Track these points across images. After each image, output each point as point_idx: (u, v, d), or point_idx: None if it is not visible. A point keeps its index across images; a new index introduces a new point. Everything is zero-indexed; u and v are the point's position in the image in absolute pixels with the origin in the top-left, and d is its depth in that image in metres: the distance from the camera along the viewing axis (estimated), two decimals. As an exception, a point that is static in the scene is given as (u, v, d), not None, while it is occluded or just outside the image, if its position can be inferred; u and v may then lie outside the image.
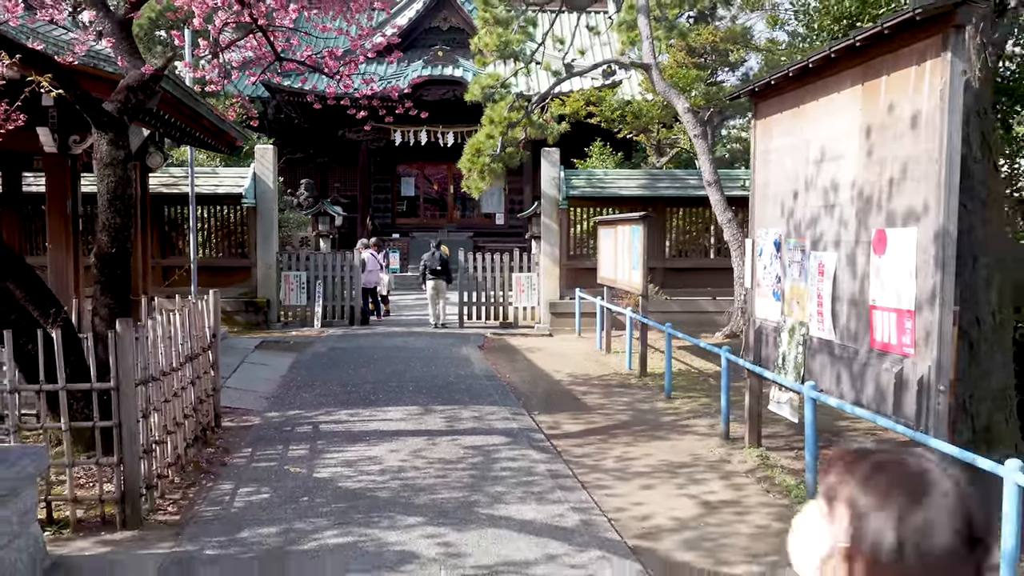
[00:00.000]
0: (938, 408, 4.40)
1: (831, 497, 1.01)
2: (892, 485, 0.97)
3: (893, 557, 0.94)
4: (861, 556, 0.97)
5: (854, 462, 1.01)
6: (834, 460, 1.04)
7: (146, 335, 5.43)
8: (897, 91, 4.75)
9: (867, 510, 0.97)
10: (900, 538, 0.94)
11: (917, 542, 0.93)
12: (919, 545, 0.93)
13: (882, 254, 4.89)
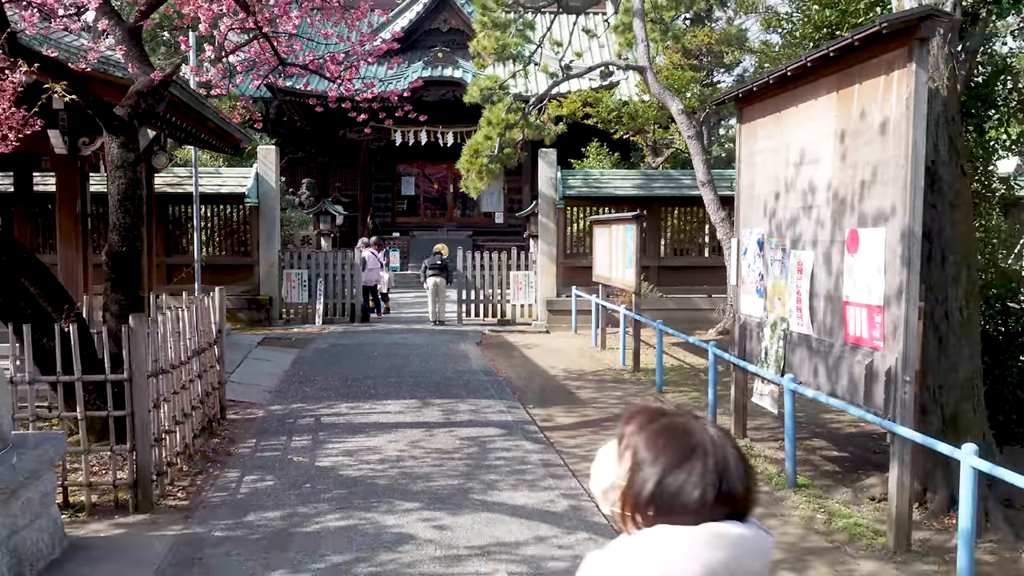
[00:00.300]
0: (904, 397, 4.67)
1: (623, 443, 1.29)
2: (667, 445, 1.24)
3: (654, 499, 1.23)
4: (631, 493, 1.25)
5: (648, 420, 1.29)
6: (635, 414, 1.32)
7: (156, 330, 5.71)
8: (868, 99, 5.02)
9: (643, 461, 1.25)
10: (661, 487, 1.22)
11: (674, 492, 1.21)
12: (676, 494, 1.21)
13: (854, 253, 5.16)
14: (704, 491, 1.22)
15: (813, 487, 5.98)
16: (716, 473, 1.23)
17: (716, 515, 1.22)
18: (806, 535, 5.11)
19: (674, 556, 1.17)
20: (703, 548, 1.18)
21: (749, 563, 1.22)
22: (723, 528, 1.21)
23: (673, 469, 1.23)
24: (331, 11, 8.49)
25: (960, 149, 5.40)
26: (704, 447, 1.24)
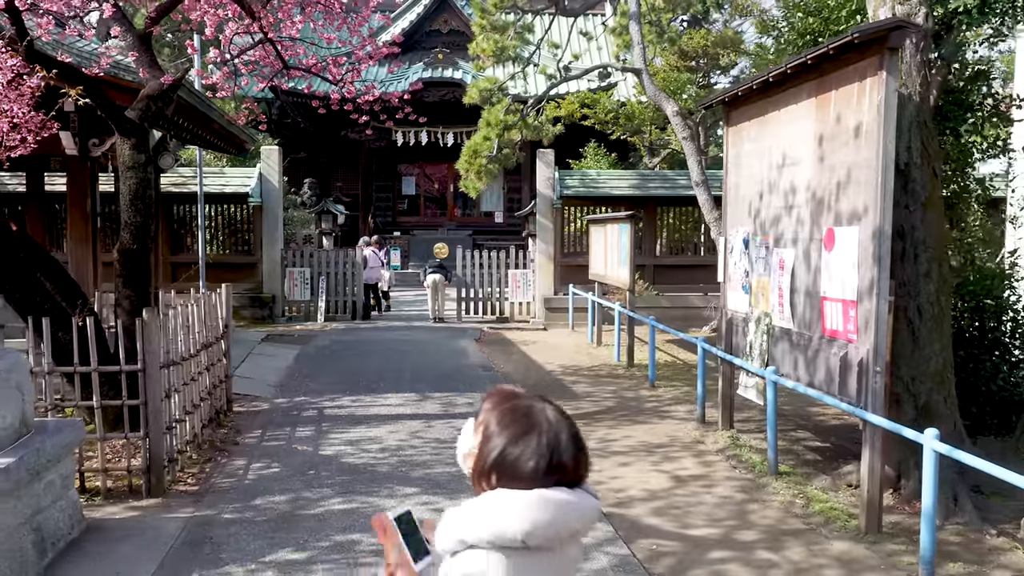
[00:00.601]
0: (875, 386, 4.95)
1: (479, 418, 1.57)
2: (511, 422, 1.53)
3: (497, 466, 1.50)
4: (481, 460, 1.53)
5: (500, 401, 1.57)
6: (491, 395, 1.59)
7: (167, 324, 5.99)
8: (843, 104, 5.30)
9: (492, 434, 1.53)
10: (503, 456, 1.50)
11: (513, 461, 1.49)
12: (515, 463, 1.50)
13: (831, 250, 5.44)
14: (537, 462, 1.49)
15: (794, 474, 6.26)
16: (549, 448, 1.50)
17: (548, 483, 1.49)
18: (784, 518, 5.39)
19: (507, 514, 1.44)
20: (531, 509, 1.45)
21: (571, 523, 1.49)
22: (551, 494, 1.47)
23: (514, 442, 1.51)
24: (334, 16, 8.78)
25: (932, 152, 5.67)
26: (541, 426, 1.52)
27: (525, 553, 1.45)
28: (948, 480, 5.47)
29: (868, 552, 4.81)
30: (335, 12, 8.47)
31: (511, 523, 1.44)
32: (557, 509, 1.47)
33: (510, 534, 1.44)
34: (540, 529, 1.45)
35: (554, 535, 1.47)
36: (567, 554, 1.54)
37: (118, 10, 6.68)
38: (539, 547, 1.46)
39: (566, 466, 1.52)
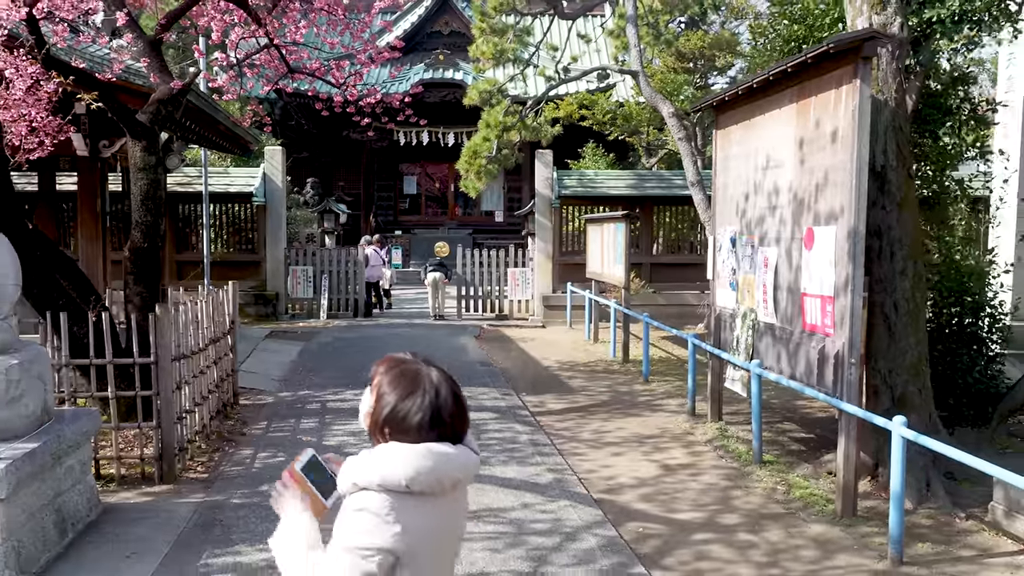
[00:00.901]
0: (850, 377, 5.22)
1: (374, 381, 1.83)
2: (400, 383, 1.80)
3: (388, 421, 1.77)
4: (375, 416, 1.80)
5: (391, 366, 1.83)
6: (384, 361, 1.85)
7: (178, 319, 6.27)
8: (822, 110, 5.57)
9: (384, 393, 1.79)
10: (394, 412, 1.77)
11: (402, 417, 1.76)
12: (403, 418, 1.76)
13: (811, 249, 5.71)
14: (422, 416, 1.76)
15: (778, 463, 6.54)
16: (432, 404, 1.77)
17: (432, 437, 1.76)
18: (766, 503, 5.67)
19: (394, 462, 1.71)
20: (415, 459, 1.71)
21: (451, 472, 1.75)
22: (434, 446, 1.74)
23: (403, 399, 1.78)
24: (337, 22, 9.05)
25: (907, 155, 5.94)
26: (426, 385, 1.79)
27: (409, 496, 1.71)
28: (922, 467, 5.76)
29: (843, 534, 5.09)
30: (338, 17, 8.75)
31: (396, 470, 1.70)
32: (438, 460, 1.73)
33: (395, 479, 1.70)
34: (422, 476, 1.70)
35: (435, 482, 1.73)
36: (453, 501, 1.81)
37: (130, 18, 6.95)
38: (422, 492, 1.72)
39: (447, 422, 1.78)
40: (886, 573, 4.54)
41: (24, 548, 4.29)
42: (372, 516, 1.70)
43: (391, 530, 1.70)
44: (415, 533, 1.72)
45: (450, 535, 1.86)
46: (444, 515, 1.80)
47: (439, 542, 1.81)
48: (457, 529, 1.90)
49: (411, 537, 1.72)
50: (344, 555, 1.71)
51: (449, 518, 1.83)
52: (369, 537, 1.70)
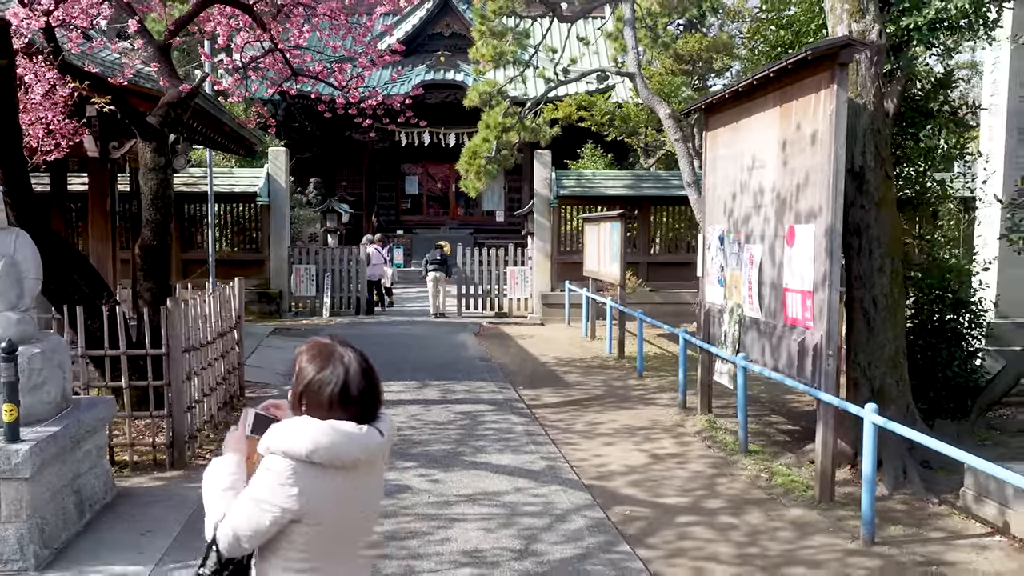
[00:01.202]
0: (828, 368, 5.49)
1: (297, 361, 2.07)
2: (317, 359, 2.03)
3: (303, 396, 2.01)
4: (295, 391, 2.04)
5: (311, 347, 2.08)
6: (308, 343, 2.09)
7: (188, 313, 6.55)
8: (802, 113, 5.84)
9: (303, 370, 2.04)
10: (308, 387, 2.00)
11: (315, 392, 1.99)
12: (316, 394, 1.99)
13: (792, 246, 5.97)
14: (333, 390, 1.99)
15: (763, 453, 6.81)
16: (342, 380, 2.00)
17: (342, 415, 1.98)
18: (748, 489, 5.93)
19: (299, 435, 1.94)
20: (317, 434, 1.93)
21: (350, 450, 1.95)
22: (338, 424, 1.95)
23: (317, 373, 2.02)
24: (339, 26, 9.33)
25: (885, 156, 6.21)
26: (339, 363, 2.02)
27: (310, 465, 1.94)
28: (899, 456, 6.03)
29: (820, 517, 5.36)
30: (340, 22, 9.03)
31: (299, 442, 1.94)
32: (338, 437, 1.94)
33: (296, 450, 1.94)
34: (321, 450, 1.92)
35: (334, 457, 1.94)
36: (364, 475, 2.04)
37: (141, 24, 7.23)
38: (323, 464, 1.94)
39: (356, 396, 2.01)
40: (857, 552, 4.81)
41: (47, 525, 4.57)
42: (274, 477, 1.94)
43: (288, 492, 1.93)
44: (313, 498, 1.95)
45: (357, 505, 2.06)
46: (350, 487, 2.01)
47: (343, 510, 2.02)
48: (367, 501, 2.09)
49: (308, 501, 1.94)
50: (247, 502, 1.97)
51: (356, 490, 2.03)
52: (269, 494, 1.94)
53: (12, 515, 4.38)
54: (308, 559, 2.01)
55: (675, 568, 4.57)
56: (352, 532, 2.09)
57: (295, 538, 1.99)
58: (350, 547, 2.09)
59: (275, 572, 2.02)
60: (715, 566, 4.60)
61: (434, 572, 4.39)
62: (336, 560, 2.05)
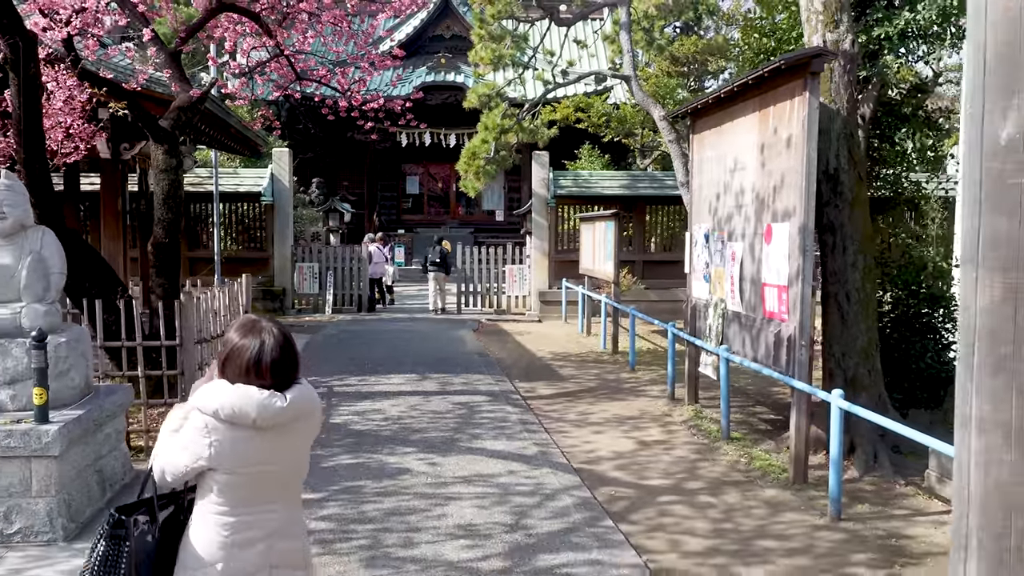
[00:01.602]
0: (801, 358, 5.85)
1: (227, 331, 2.44)
2: (240, 330, 2.39)
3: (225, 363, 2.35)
4: (220, 358, 2.39)
5: (241, 322, 2.44)
6: (242, 318, 2.46)
7: (200, 307, 6.92)
8: (779, 119, 6.20)
9: (228, 340, 2.39)
10: (229, 355, 2.35)
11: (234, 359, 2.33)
12: (234, 361, 2.33)
13: (770, 243, 6.34)
14: (250, 355, 2.33)
15: (745, 440, 7.17)
16: (259, 348, 2.34)
17: (255, 382, 2.32)
18: (728, 472, 6.30)
19: (210, 395, 2.32)
20: (224, 395, 2.30)
21: (247, 411, 2.28)
22: (243, 388, 2.30)
23: (239, 340, 2.37)
24: (342, 32, 9.69)
25: (859, 159, 6.56)
26: (260, 333, 2.37)
27: (220, 421, 2.31)
28: (870, 441, 6.39)
29: (792, 497, 5.72)
30: (343, 28, 9.39)
31: (209, 401, 2.32)
32: (240, 399, 2.29)
33: (207, 407, 2.32)
34: (224, 409, 2.29)
35: (235, 416, 2.29)
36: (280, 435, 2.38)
37: (155, 34, 7.60)
38: (230, 421, 2.30)
39: (268, 364, 2.34)
40: (824, 527, 5.17)
41: (73, 501, 4.94)
42: (193, 428, 2.34)
43: (203, 442, 2.32)
44: (223, 450, 2.32)
45: (271, 462, 2.40)
46: (261, 445, 2.35)
47: (255, 465, 2.37)
48: (282, 460, 2.42)
49: (218, 452, 2.31)
50: (173, 445, 2.39)
51: (270, 449, 2.38)
52: (189, 441, 2.34)
53: (42, 490, 4.75)
54: (227, 503, 2.38)
55: (654, 540, 4.93)
56: (269, 485, 2.43)
57: (214, 484, 2.37)
58: (268, 498, 2.44)
59: (203, 513, 2.40)
60: (691, 539, 4.96)
61: (431, 543, 4.76)
62: (253, 508, 2.41)
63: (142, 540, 2.41)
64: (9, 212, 5.17)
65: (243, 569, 2.39)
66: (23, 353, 4.98)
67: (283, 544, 2.46)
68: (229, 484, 2.36)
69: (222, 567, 2.37)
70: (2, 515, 4.72)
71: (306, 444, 2.54)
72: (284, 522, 2.48)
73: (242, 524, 2.39)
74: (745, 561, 4.64)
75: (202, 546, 2.38)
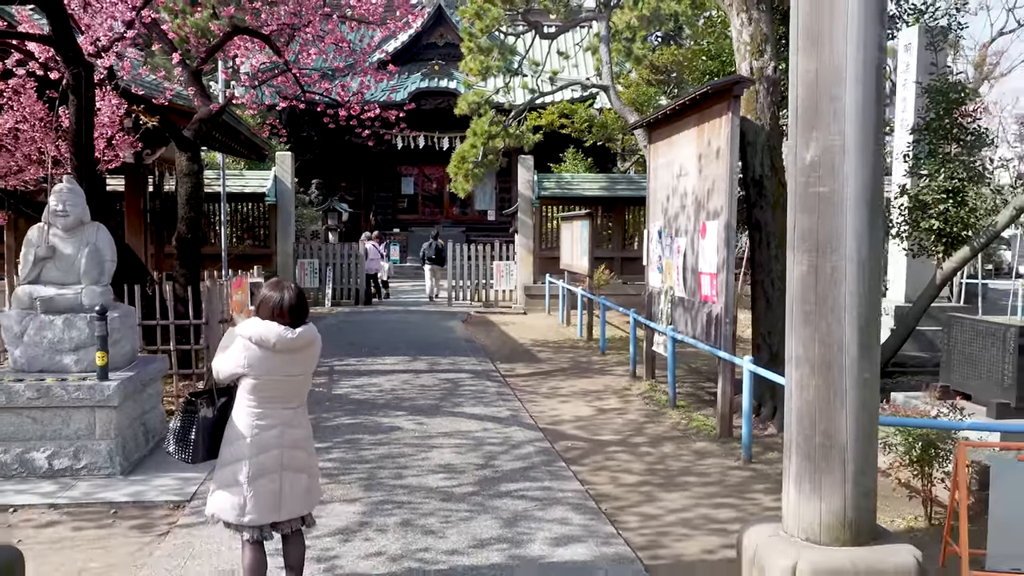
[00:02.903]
0: (725, 333, 7.04)
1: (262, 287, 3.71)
2: (271, 287, 3.67)
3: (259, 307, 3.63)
4: (256, 301, 3.67)
5: (270, 282, 3.70)
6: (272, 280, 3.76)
7: (221, 292, 8.08)
8: (712, 133, 7.38)
9: (263, 289, 3.68)
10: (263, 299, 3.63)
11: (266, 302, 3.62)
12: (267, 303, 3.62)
13: (704, 238, 7.52)
14: (275, 303, 3.58)
15: (689, 407, 8.36)
16: (281, 298, 3.59)
17: (278, 320, 3.57)
18: (669, 431, 7.48)
19: (247, 327, 3.56)
20: (256, 327, 3.55)
21: (269, 338, 3.48)
22: (270, 323, 3.55)
23: (269, 292, 3.62)
24: (343, 51, 10.86)
25: (779, 167, 7.75)
26: (283, 289, 3.61)
27: (251, 343, 3.53)
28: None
29: (717, 447, 6.91)
30: (344, 50, 10.56)
31: (247, 330, 3.55)
32: (265, 330, 3.52)
33: (245, 333, 3.54)
34: (255, 336, 3.50)
35: (261, 340, 3.50)
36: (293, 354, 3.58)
37: (182, 59, 8.76)
38: (258, 343, 3.51)
39: (287, 308, 3.58)
40: (737, 468, 6.35)
41: (127, 444, 6.10)
42: (235, 346, 3.58)
43: (241, 355, 3.55)
44: (253, 362, 3.54)
45: (286, 373, 3.60)
46: (279, 361, 3.56)
47: (274, 374, 3.57)
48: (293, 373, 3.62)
49: (250, 363, 3.54)
50: (224, 354, 3.64)
51: (284, 364, 3.58)
52: (233, 354, 3.58)
53: (104, 434, 5.92)
54: (255, 399, 3.61)
55: (597, 476, 6.11)
56: (288, 391, 3.65)
57: (247, 385, 3.60)
58: (288, 401, 3.67)
59: (241, 404, 3.64)
60: (627, 475, 6.15)
61: (417, 476, 5.93)
62: (273, 404, 3.63)
63: (205, 416, 3.66)
64: (71, 211, 6.34)
65: (265, 444, 3.61)
66: (85, 325, 6.14)
67: (292, 431, 3.69)
68: (256, 386, 3.58)
69: (250, 440, 3.60)
70: (72, 453, 5.89)
71: (309, 365, 3.76)
72: (293, 416, 3.71)
73: (265, 414, 3.62)
74: (667, 489, 5.83)
75: (240, 425, 3.62)
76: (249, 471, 3.57)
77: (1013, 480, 4.26)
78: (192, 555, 4.54)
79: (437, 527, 4.94)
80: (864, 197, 3.81)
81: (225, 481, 3.62)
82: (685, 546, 4.82)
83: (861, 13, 3.73)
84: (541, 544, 4.70)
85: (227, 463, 3.62)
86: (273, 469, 3.61)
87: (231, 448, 3.62)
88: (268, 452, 3.60)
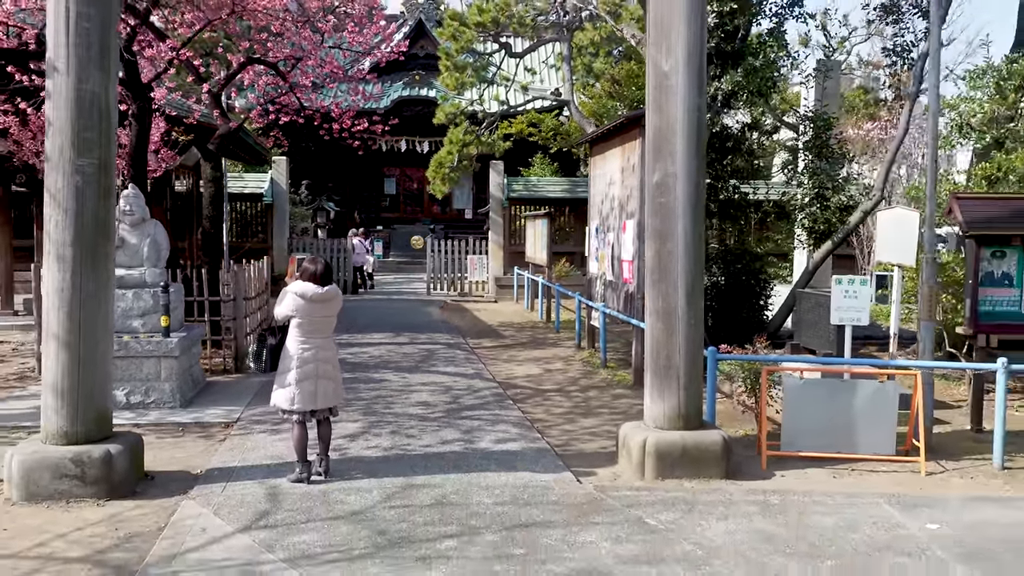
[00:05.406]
0: (637, 306, 9.17)
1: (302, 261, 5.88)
2: (307, 261, 5.82)
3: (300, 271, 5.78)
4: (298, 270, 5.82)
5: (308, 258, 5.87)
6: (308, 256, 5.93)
7: (243, 275, 10.10)
8: (630, 152, 9.51)
9: (303, 260, 5.85)
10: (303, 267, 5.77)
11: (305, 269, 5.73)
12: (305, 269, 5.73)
13: (625, 233, 9.66)
14: (312, 271, 5.70)
15: (617, 368, 10.50)
16: (315, 270, 5.70)
17: (313, 280, 5.69)
18: (597, 384, 9.61)
19: (296, 286, 5.69)
20: (300, 286, 5.66)
21: (307, 292, 5.59)
22: (309, 283, 5.66)
23: (307, 265, 5.75)
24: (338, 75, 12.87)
25: (685, 178, 9.89)
26: (318, 260, 5.78)
27: (299, 295, 5.62)
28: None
29: (630, 392, 9.05)
30: (339, 76, 12.57)
31: (295, 288, 5.66)
32: (305, 288, 5.60)
33: (294, 290, 5.65)
34: (299, 292, 5.59)
35: (303, 293, 5.57)
36: (326, 303, 5.70)
37: (210, 90, 10.76)
38: (302, 296, 5.61)
39: (320, 273, 5.69)
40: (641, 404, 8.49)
41: (183, 386, 8.14)
42: (288, 298, 5.67)
43: (291, 304, 5.66)
44: (300, 308, 5.62)
45: (321, 315, 5.67)
46: (316, 307, 5.63)
47: (314, 317, 5.64)
48: (326, 315, 5.71)
49: (298, 309, 5.62)
50: (281, 304, 5.72)
51: (320, 309, 5.65)
52: (286, 304, 5.69)
53: (167, 378, 7.95)
54: (301, 334, 5.68)
55: (535, 410, 8.22)
56: (320, 327, 5.72)
57: (295, 323, 5.67)
58: (321, 333, 5.73)
59: (292, 336, 5.71)
60: (557, 408, 8.27)
61: (401, 407, 8.02)
62: (312, 337, 5.68)
63: (271, 343, 5.74)
64: (136, 210, 8.37)
65: (306, 359, 5.69)
66: (150, 297, 8.17)
67: (324, 352, 5.78)
68: (301, 325, 5.66)
69: (297, 358, 5.67)
70: (144, 391, 7.92)
71: (334, 310, 5.83)
72: (324, 343, 5.79)
73: (306, 342, 5.68)
74: (585, 416, 7.96)
75: (291, 348, 5.70)
76: (297, 376, 5.64)
77: (797, 392, 6.45)
78: (245, 450, 6.60)
79: (416, 434, 7.04)
80: (689, 206, 5.95)
81: (282, 383, 5.69)
82: (588, 444, 6.96)
83: (686, 92, 5.87)
84: (487, 442, 6.81)
85: (283, 372, 5.70)
86: (311, 376, 5.68)
87: (285, 363, 5.69)
88: (308, 365, 5.67)
